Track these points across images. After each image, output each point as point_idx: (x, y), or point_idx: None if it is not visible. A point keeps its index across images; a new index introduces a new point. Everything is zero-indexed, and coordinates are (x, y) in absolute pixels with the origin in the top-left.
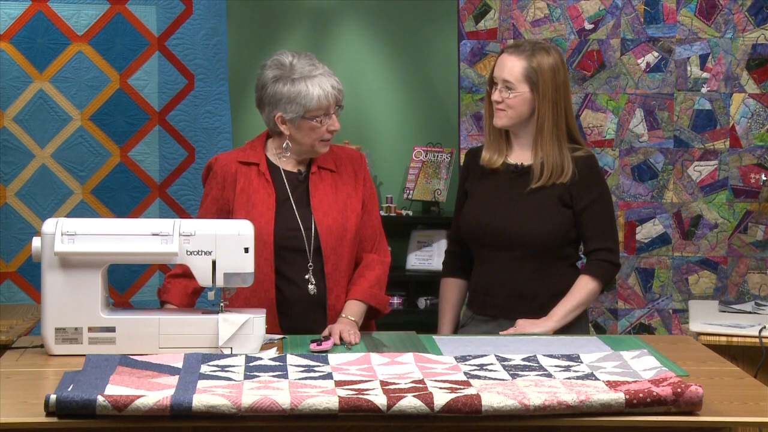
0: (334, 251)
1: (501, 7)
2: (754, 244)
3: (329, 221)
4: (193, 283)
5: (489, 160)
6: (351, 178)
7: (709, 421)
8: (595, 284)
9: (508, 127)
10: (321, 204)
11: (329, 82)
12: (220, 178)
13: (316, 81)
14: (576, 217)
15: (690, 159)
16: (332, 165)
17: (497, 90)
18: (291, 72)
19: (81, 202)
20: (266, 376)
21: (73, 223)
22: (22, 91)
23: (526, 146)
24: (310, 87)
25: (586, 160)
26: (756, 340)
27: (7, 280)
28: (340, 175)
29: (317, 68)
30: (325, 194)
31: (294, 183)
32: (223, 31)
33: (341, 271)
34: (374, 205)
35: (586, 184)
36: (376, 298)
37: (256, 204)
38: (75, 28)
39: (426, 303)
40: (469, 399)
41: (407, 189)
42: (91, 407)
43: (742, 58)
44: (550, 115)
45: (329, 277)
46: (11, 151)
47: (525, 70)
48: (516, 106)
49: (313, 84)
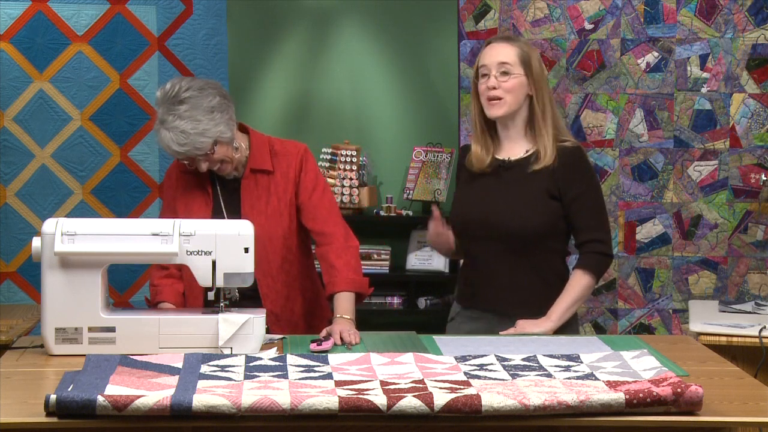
0: (263, 258)
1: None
2: (754, 244)
3: (255, 229)
4: (182, 284)
5: (477, 156)
6: (284, 179)
7: (709, 421)
8: (588, 278)
9: (506, 115)
10: (252, 210)
11: (168, 137)
12: (172, 181)
13: (163, 131)
14: (565, 209)
15: (690, 159)
16: (269, 165)
17: (490, 77)
18: (158, 109)
19: (81, 202)
20: (266, 376)
21: (73, 223)
22: (22, 91)
23: (514, 139)
24: (159, 132)
25: (574, 150)
26: (756, 340)
27: (7, 280)
28: (274, 177)
29: (171, 115)
30: (257, 199)
31: (229, 189)
32: (223, 31)
33: (274, 277)
34: (322, 196)
35: (574, 175)
36: (355, 284)
37: (194, 211)
38: (75, 28)
39: (426, 303)
40: (469, 399)
41: (407, 189)
42: (91, 407)
43: (742, 58)
44: (547, 100)
45: (261, 283)
46: (11, 151)
47: (520, 53)
48: (514, 90)
49: (162, 132)
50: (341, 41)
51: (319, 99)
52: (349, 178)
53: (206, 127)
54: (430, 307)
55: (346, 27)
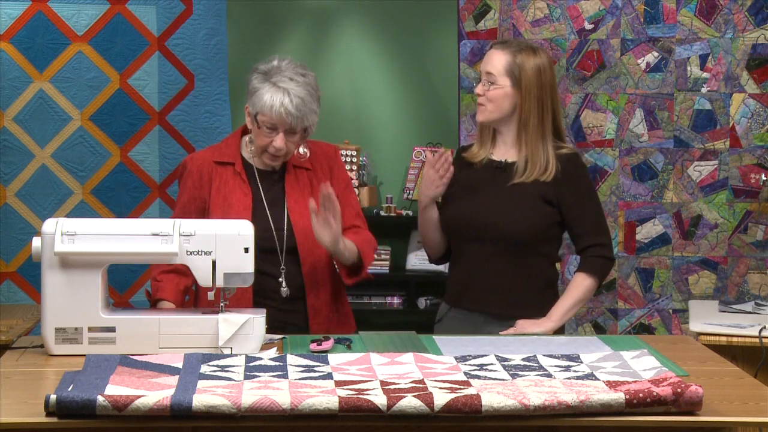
0: (311, 253)
1: (501, 7)
2: (754, 244)
3: (305, 223)
4: (184, 280)
5: (473, 154)
6: (326, 176)
7: (709, 421)
8: (591, 281)
9: (489, 122)
10: (297, 205)
11: (286, 98)
12: (196, 176)
13: (276, 90)
14: (564, 215)
15: (690, 159)
16: (308, 163)
17: (480, 83)
18: (270, 71)
19: (81, 202)
20: (266, 376)
21: (73, 223)
22: (22, 91)
23: (509, 143)
24: (267, 91)
25: (571, 157)
26: (756, 340)
27: (7, 280)
28: (315, 173)
29: (293, 82)
30: (301, 194)
31: (268, 182)
32: (223, 31)
33: (319, 272)
34: (349, 195)
35: (572, 182)
36: (365, 252)
37: (233, 204)
38: (75, 28)
39: (426, 303)
40: (469, 399)
41: (407, 189)
42: (91, 407)
43: (742, 58)
44: (535, 112)
45: (307, 278)
46: (11, 151)
47: (508, 65)
48: (495, 100)
49: (273, 90)
50: (341, 41)
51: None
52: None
53: (314, 108)
54: (430, 307)
55: (346, 27)
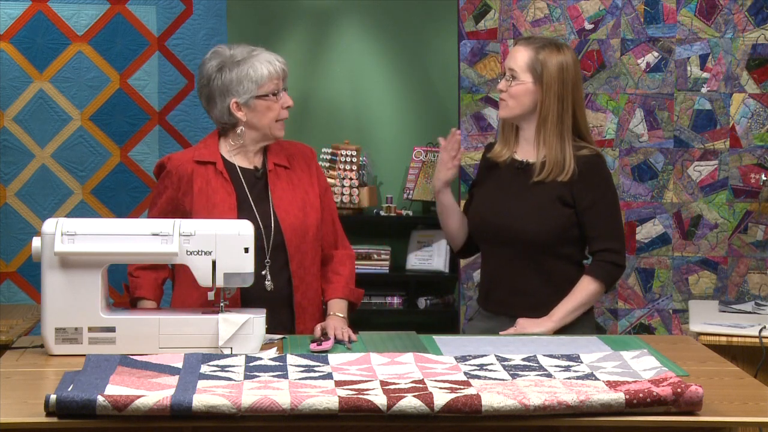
0: (298, 249)
1: (501, 7)
2: (754, 244)
3: (291, 219)
4: (161, 273)
5: (497, 154)
6: (306, 174)
7: (709, 421)
8: (596, 285)
9: (510, 118)
10: (281, 202)
11: (273, 57)
12: (175, 178)
13: (261, 58)
14: (579, 216)
15: (690, 159)
16: (285, 161)
17: (503, 79)
18: (232, 58)
19: (81, 202)
20: (266, 376)
21: (73, 223)
22: (22, 91)
23: (531, 141)
24: (257, 64)
25: (590, 158)
26: (756, 340)
27: (7, 280)
28: (294, 171)
29: (256, 50)
30: (284, 191)
31: (251, 180)
32: (223, 31)
33: (306, 268)
34: (329, 199)
35: (589, 183)
36: (354, 294)
37: (217, 204)
38: (75, 28)
39: (426, 303)
40: (469, 399)
41: (407, 189)
42: (91, 407)
43: (742, 58)
44: (555, 110)
45: (295, 274)
46: (11, 151)
47: (530, 60)
48: (517, 96)
49: (259, 61)
50: (341, 41)
51: (319, 99)
52: (349, 178)
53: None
54: (430, 307)
55: (346, 27)
